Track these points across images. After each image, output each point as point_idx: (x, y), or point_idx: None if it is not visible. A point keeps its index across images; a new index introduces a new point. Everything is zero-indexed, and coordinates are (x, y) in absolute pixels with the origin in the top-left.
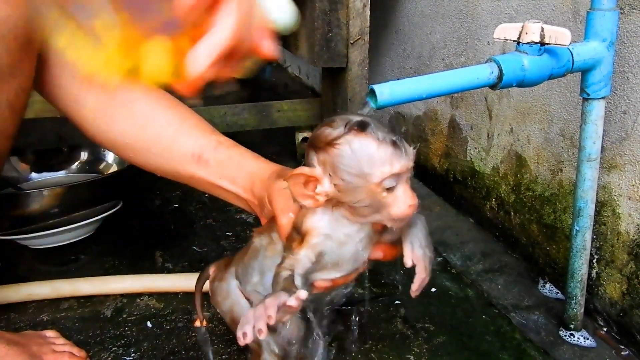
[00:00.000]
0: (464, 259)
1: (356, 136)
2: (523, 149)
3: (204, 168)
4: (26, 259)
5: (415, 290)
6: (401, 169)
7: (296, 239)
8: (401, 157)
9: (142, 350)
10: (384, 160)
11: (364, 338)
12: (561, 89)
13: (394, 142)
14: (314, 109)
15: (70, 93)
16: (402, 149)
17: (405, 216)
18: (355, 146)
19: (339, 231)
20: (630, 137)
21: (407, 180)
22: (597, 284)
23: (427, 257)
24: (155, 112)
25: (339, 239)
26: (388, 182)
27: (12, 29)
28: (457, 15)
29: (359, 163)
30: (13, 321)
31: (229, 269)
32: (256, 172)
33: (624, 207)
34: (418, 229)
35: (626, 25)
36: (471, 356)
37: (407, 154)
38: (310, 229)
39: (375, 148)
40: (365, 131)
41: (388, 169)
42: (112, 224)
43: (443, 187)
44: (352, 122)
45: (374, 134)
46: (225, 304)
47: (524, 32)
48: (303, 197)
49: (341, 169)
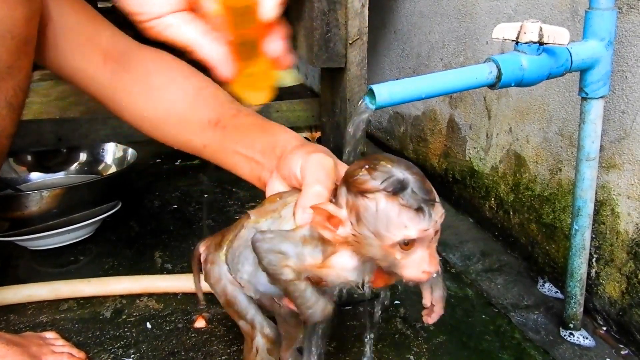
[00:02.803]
0: (464, 258)
1: (385, 197)
2: (522, 148)
3: (220, 133)
4: (25, 260)
5: (433, 322)
6: (419, 234)
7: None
8: (421, 222)
9: (142, 351)
10: (401, 225)
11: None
12: (560, 89)
13: (420, 208)
14: (313, 109)
15: (86, 72)
16: (426, 214)
17: (418, 280)
18: (381, 206)
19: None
20: (629, 136)
21: (431, 244)
22: (597, 283)
23: (444, 298)
24: (171, 84)
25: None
26: (403, 244)
27: (11, 28)
28: (456, 15)
29: (378, 223)
30: (12, 322)
31: (219, 251)
32: (281, 136)
33: (623, 206)
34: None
35: (624, 24)
36: (471, 356)
37: (431, 219)
38: (333, 265)
39: (397, 213)
40: (398, 195)
41: (403, 233)
42: (112, 225)
43: (442, 187)
44: (389, 182)
45: (403, 199)
46: (218, 287)
47: (523, 32)
48: (323, 228)
49: (363, 222)
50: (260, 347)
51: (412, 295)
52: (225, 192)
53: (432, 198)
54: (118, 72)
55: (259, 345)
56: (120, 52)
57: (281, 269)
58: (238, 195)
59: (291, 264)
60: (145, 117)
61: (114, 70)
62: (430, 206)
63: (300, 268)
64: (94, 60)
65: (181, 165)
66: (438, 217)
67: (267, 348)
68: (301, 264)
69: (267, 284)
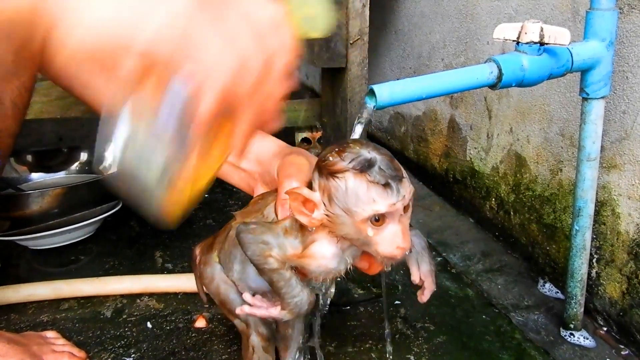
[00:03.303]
0: (464, 258)
1: (354, 175)
2: (523, 148)
3: None
4: (26, 259)
5: (425, 300)
6: (388, 209)
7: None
8: (389, 197)
9: (142, 351)
10: (370, 200)
11: (363, 338)
12: (561, 89)
13: (387, 184)
14: (314, 109)
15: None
16: (393, 189)
17: (392, 257)
18: (349, 184)
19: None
20: (629, 136)
21: (402, 221)
22: (597, 284)
23: (433, 272)
24: None
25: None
26: (374, 219)
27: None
28: (457, 16)
29: (348, 200)
30: (13, 322)
31: (211, 253)
32: (267, 145)
33: (623, 207)
34: (419, 246)
35: (625, 25)
36: (471, 356)
37: (399, 194)
38: (313, 254)
39: (365, 189)
40: (365, 172)
41: (371, 208)
42: (112, 225)
43: (443, 187)
44: (357, 161)
45: (371, 175)
46: (212, 287)
47: (524, 32)
48: (299, 213)
49: (334, 201)
50: (256, 345)
51: (412, 296)
52: (225, 192)
53: (399, 174)
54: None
55: (254, 343)
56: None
57: (265, 258)
58: (239, 195)
59: (274, 253)
60: None
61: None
62: (398, 182)
63: (283, 258)
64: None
65: None
66: (406, 192)
67: (263, 346)
68: (283, 254)
69: (256, 280)
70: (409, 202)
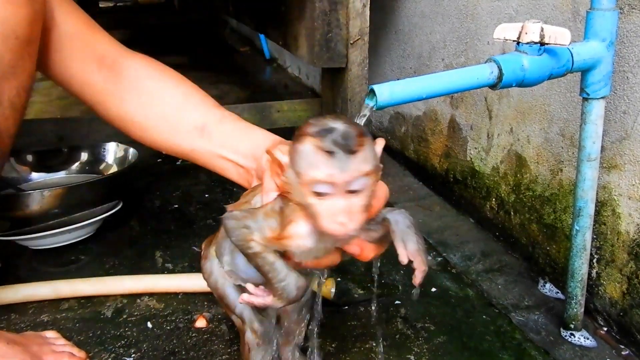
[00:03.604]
0: (464, 258)
1: (308, 139)
2: (523, 148)
3: (206, 139)
4: (26, 259)
5: (419, 282)
6: (326, 178)
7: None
8: (331, 167)
9: (143, 351)
10: (312, 165)
11: (363, 338)
12: (561, 89)
13: (333, 152)
14: (314, 110)
15: (79, 76)
16: (339, 160)
17: (332, 233)
18: (302, 147)
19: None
20: (630, 136)
21: (351, 198)
22: (597, 284)
23: (421, 250)
24: (162, 91)
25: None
26: (318, 187)
27: (15, 28)
28: (457, 16)
29: (298, 162)
30: (13, 322)
31: (210, 247)
32: (261, 139)
33: (624, 207)
34: (403, 224)
35: (626, 25)
36: (471, 356)
37: (344, 166)
38: (290, 235)
39: (312, 153)
40: (318, 138)
41: (314, 174)
42: (112, 225)
43: (443, 187)
44: (317, 127)
45: (323, 142)
46: (211, 281)
47: (524, 32)
48: (274, 175)
49: (291, 164)
50: (251, 342)
51: (413, 296)
52: (226, 192)
53: (352, 149)
54: (111, 78)
55: (249, 340)
56: (113, 59)
57: (248, 242)
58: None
59: (255, 237)
60: (136, 122)
61: (107, 76)
62: (347, 154)
63: (264, 241)
64: (89, 66)
65: (182, 165)
66: (354, 168)
67: (257, 342)
68: (263, 237)
69: (246, 270)
70: (359, 181)
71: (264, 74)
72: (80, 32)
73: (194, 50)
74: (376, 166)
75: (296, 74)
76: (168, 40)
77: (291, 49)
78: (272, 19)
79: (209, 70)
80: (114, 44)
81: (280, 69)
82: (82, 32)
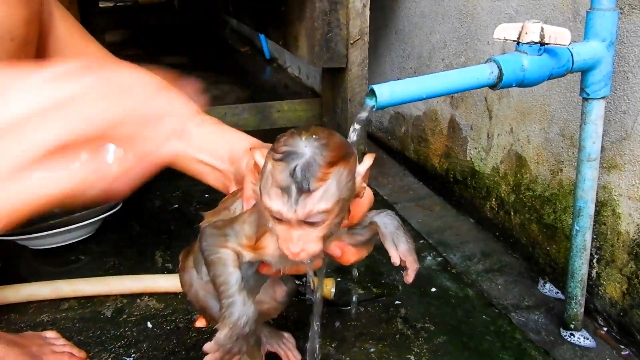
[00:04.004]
0: (464, 259)
1: (272, 164)
2: (523, 149)
3: (185, 143)
4: (27, 259)
5: (411, 279)
6: (277, 215)
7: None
8: (282, 204)
9: (142, 351)
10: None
11: (363, 338)
12: (561, 89)
13: (285, 190)
14: (314, 110)
15: None
16: (290, 199)
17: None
18: (266, 170)
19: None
20: (630, 136)
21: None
22: (597, 284)
23: (412, 249)
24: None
25: None
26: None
27: (10, 29)
28: (457, 16)
29: (261, 181)
30: (13, 322)
31: (188, 258)
32: (237, 142)
33: (624, 207)
34: (392, 226)
35: (626, 25)
36: (471, 356)
37: (292, 207)
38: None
39: (270, 183)
40: (279, 164)
41: (268, 202)
42: (112, 225)
43: (443, 187)
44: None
45: (280, 174)
46: (191, 294)
47: (524, 32)
48: (251, 173)
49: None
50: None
51: (413, 296)
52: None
53: (306, 187)
54: None
55: None
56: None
57: (219, 248)
58: None
59: (230, 244)
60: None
61: None
62: (300, 194)
63: (239, 247)
64: None
65: None
66: (305, 209)
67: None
68: (239, 243)
69: None
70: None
71: (264, 74)
72: (73, 38)
73: (194, 50)
74: (338, 199)
75: (296, 74)
76: (168, 40)
77: (291, 49)
78: (272, 19)
79: (209, 70)
80: (103, 51)
81: (280, 69)
82: (75, 38)
